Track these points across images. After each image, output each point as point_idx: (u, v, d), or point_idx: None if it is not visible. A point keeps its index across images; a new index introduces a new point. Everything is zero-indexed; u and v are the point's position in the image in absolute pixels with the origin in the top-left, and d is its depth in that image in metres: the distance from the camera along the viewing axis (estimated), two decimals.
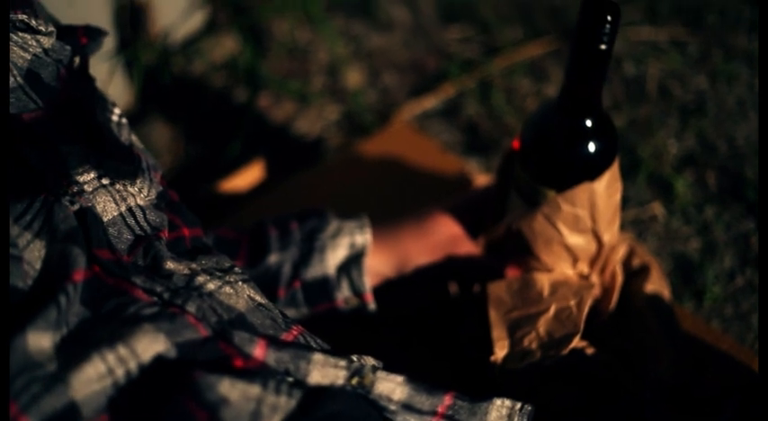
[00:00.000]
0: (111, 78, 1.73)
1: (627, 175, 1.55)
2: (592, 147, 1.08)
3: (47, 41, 0.98)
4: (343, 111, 1.78)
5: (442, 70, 1.83)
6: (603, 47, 1.00)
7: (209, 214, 1.45)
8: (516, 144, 1.15)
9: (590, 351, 1.12)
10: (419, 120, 1.72)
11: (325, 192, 1.49)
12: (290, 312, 1.21)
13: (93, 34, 1.07)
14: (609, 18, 0.98)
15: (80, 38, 1.04)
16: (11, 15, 0.94)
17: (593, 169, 1.09)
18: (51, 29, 0.98)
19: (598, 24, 0.99)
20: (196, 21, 1.96)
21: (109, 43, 1.73)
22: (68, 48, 1.01)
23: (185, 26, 1.93)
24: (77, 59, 1.02)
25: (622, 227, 1.46)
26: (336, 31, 1.93)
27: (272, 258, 1.20)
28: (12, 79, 0.91)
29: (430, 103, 1.76)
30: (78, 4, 1.63)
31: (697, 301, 1.39)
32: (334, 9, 1.99)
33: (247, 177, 1.60)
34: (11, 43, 0.93)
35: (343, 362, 0.86)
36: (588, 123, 1.07)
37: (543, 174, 1.11)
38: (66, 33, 1.03)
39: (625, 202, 1.51)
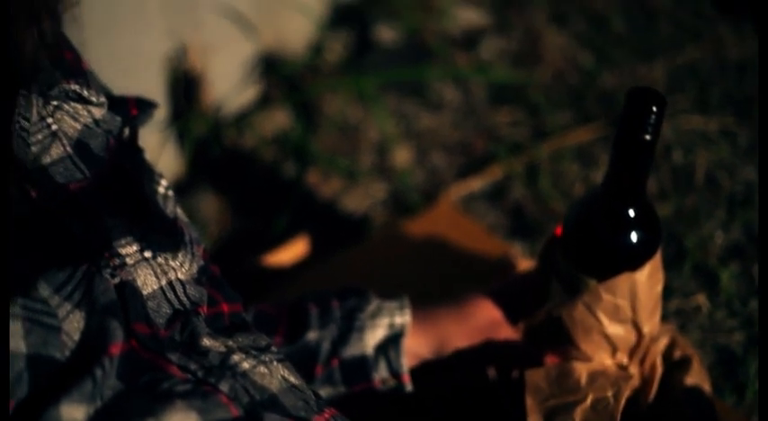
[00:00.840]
0: (162, 148, 1.76)
1: (672, 265, 1.54)
2: (634, 237, 1.07)
3: (98, 112, 0.99)
4: (390, 190, 1.79)
5: (490, 152, 1.83)
6: (648, 137, 1.00)
7: (252, 288, 1.46)
8: (559, 230, 1.15)
9: None
10: (465, 202, 1.72)
11: (368, 270, 1.49)
12: (327, 390, 1.20)
13: (144, 106, 1.08)
14: (654, 109, 0.98)
15: (131, 109, 1.06)
16: (64, 85, 0.95)
17: (634, 259, 1.09)
18: (102, 100, 0.99)
19: (643, 115, 0.99)
20: (249, 94, 1.99)
21: (162, 113, 1.76)
22: (119, 118, 1.02)
23: (238, 99, 1.96)
24: (127, 130, 1.04)
25: (665, 317, 1.44)
26: (388, 109, 1.95)
27: (311, 335, 1.20)
28: (61, 149, 0.92)
29: (477, 184, 1.76)
30: (133, 73, 1.66)
31: (738, 396, 1.37)
32: (387, 88, 2.00)
33: (292, 252, 1.61)
34: (63, 113, 0.95)
35: None
36: (631, 213, 1.07)
37: (584, 262, 1.11)
38: (118, 104, 1.04)
39: (669, 293, 1.49)
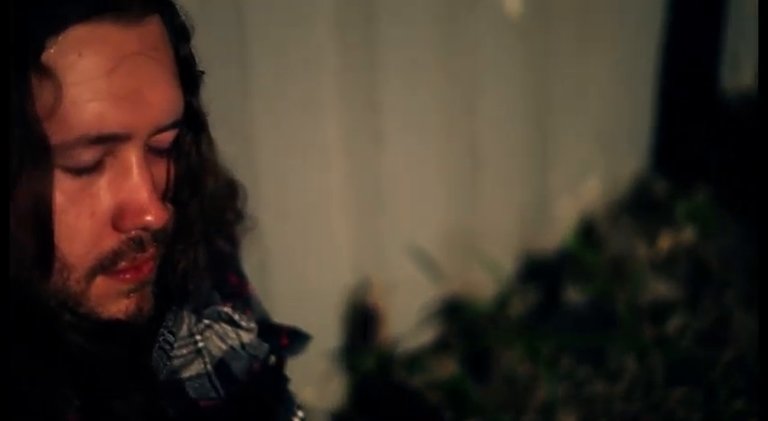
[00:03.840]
0: (329, 376, 1.79)
1: None
2: None
3: (246, 336, 1.01)
4: None
5: None
6: None
7: None
8: None
9: None
10: None
11: None
12: None
13: (297, 337, 1.11)
14: None
15: (282, 338, 1.08)
16: (219, 307, 0.99)
17: None
18: (253, 326, 1.02)
19: None
20: (426, 336, 2.01)
21: (334, 342, 1.80)
22: (266, 346, 1.04)
23: (414, 339, 1.98)
24: (273, 358, 1.06)
25: None
26: (561, 372, 1.93)
27: None
28: (202, 366, 0.95)
29: None
30: (311, 300, 1.71)
31: None
32: (566, 348, 1.99)
33: None
34: (212, 332, 0.98)
35: None
36: None
37: None
38: (270, 332, 1.07)
39: None
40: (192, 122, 0.89)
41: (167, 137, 0.84)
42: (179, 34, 0.86)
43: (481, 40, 1.97)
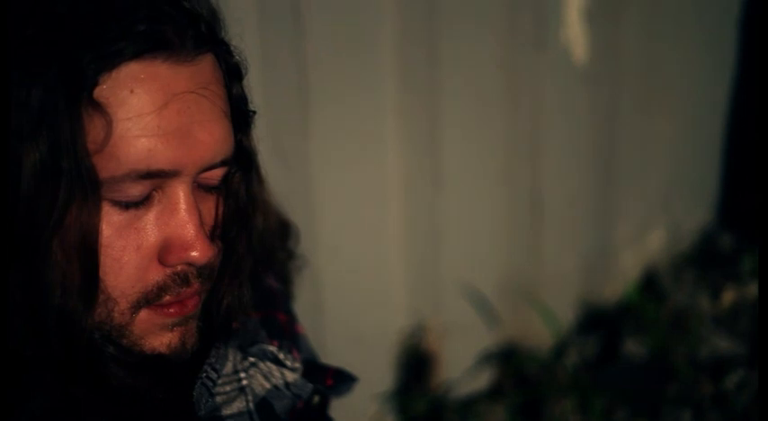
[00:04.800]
0: (379, 418, 1.78)
1: None
2: None
3: (290, 376, 1.01)
4: None
5: None
6: None
7: None
8: None
9: None
10: None
11: None
12: None
13: (342, 378, 1.10)
14: None
15: (327, 379, 1.08)
16: (264, 345, 0.99)
17: None
18: (297, 365, 1.02)
19: None
20: (480, 381, 1.99)
21: (386, 383, 1.80)
22: (310, 386, 1.03)
23: (467, 384, 1.97)
24: (317, 398, 1.06)
25: None
26: None
27: None
28: (244, 403, 0.95)
29: None
30: (365, 340, 1.71)
31: None
32: (620, 402, 1.96)
33: None
34: (257, 370, 0.98)
35: None
36: None
37: None
38: (315, 372, 1.06)
39: None
40: (243, 160, 0.89)
41: (216, 174, 0.85)
42: (232, 73, 0.86)
43: (546, 86, 1.96)
